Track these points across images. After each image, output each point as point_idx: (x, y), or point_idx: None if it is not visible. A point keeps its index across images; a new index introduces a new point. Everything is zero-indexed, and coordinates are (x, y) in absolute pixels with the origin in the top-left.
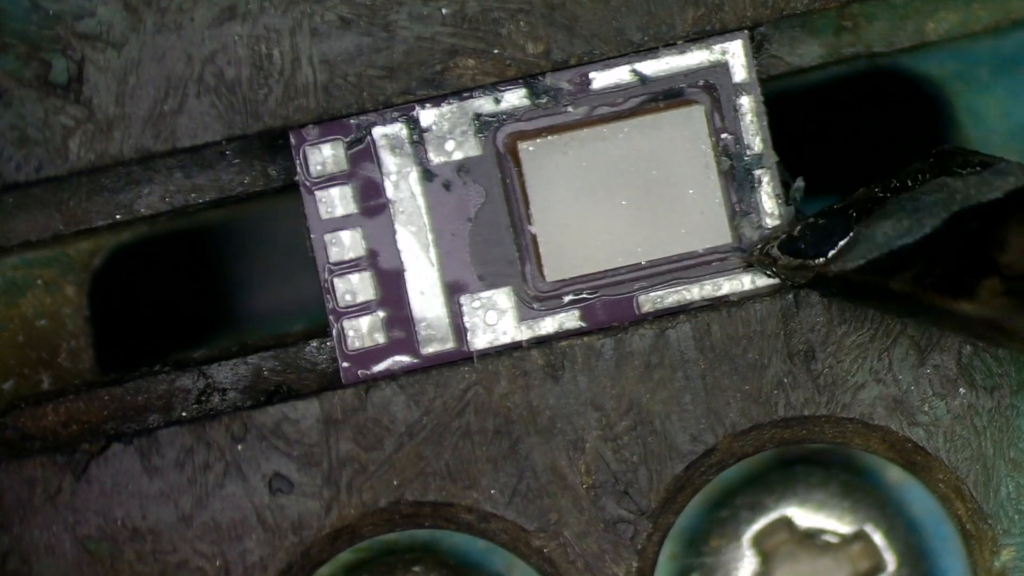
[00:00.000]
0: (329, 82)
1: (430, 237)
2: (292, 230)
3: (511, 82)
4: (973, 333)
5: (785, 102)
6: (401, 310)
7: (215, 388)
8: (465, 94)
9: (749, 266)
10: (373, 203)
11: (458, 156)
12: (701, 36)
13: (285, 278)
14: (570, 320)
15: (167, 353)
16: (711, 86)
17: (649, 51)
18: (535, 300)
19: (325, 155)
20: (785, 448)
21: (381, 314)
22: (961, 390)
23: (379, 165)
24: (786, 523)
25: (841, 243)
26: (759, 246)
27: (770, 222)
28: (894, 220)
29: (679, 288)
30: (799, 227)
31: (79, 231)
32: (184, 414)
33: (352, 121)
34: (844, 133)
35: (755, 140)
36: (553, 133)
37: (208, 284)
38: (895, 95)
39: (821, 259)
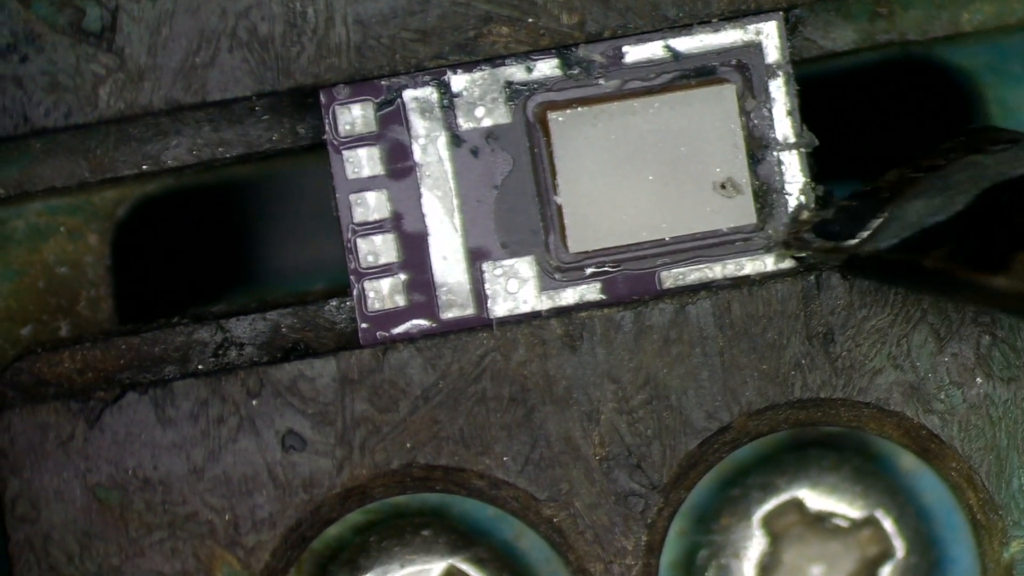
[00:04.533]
0: (362, 43)
1: (455, 203)
2: (318, 190)
3: (544, 52)
4: (1008, 308)
5: (817, 87)
6: (423, 274)
7: (232, 342)
8: (497, 61)
9: (786, 248)
10: (400, 166)
11: (487, 123)
12: (736, 15)
13: (308, 237)
14: (591, 292)
15: (187, 307)
16: (744, 66)
17: (683, 27)
18: (557, 270)
19: (354, 115)
20: (800, 430)
21: (402, 277)
22: (978, 380)
23: (408, 128)
24: (797, 505)
25: (874, 224)
26: (793, 231)
27: (796, 205)
28: (926, 199)
29: (701, 266)
30: (832, 210)
31: (105, 180)
32: (200, 367)
33: (383, 83)
34: (874, 121)
35: (785, 122)
36: (583, 105)
37: (231, 240)
38: (926, 85)
39: (854, 241)
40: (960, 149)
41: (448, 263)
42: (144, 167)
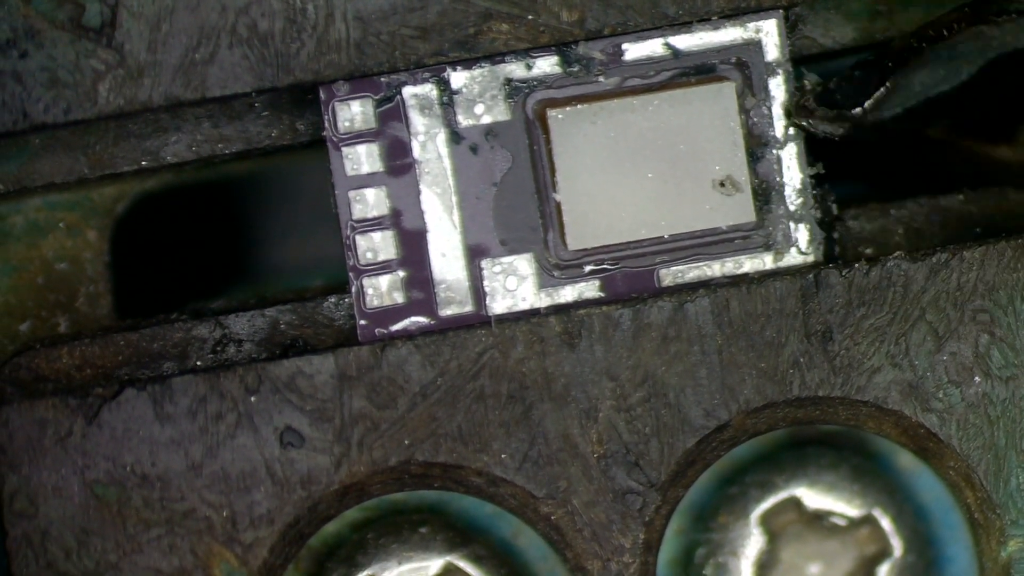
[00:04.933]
0: (362, 39)
1: (454, 199)
2: (317, 186)
3: (544, 49)
4: (1011, 180)
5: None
6: (421, 271)
7: (231, 339)
8: (497, 58)
9: (789, 117)
10: (399, 162)
11: (487, 120)
12: (736, 13)
13: (307, 234)
14: (590, 290)
15: (186, 303)
16: (743, 63)
17: (683, 25)
18: (556, 268)
19: (354, 112)
20: (798, 428)
21: (401, 274)
22: (976, 379)
23: (407, 125)
24: (795, 503)
25: (877, 93)
26: (797, 99)
27: (796, 203)
28: (930, 68)
29: (700, 264)
30: (835, 79)
31: (104, 175)
32: (199, 363)
33: (383, 79)
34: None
35: (784, 120)
36: (583, 102)
37: (230, 236)
38: None
39: (858, 110)
40: (966, 19)
41: (447, 260)
42: (143, 163)
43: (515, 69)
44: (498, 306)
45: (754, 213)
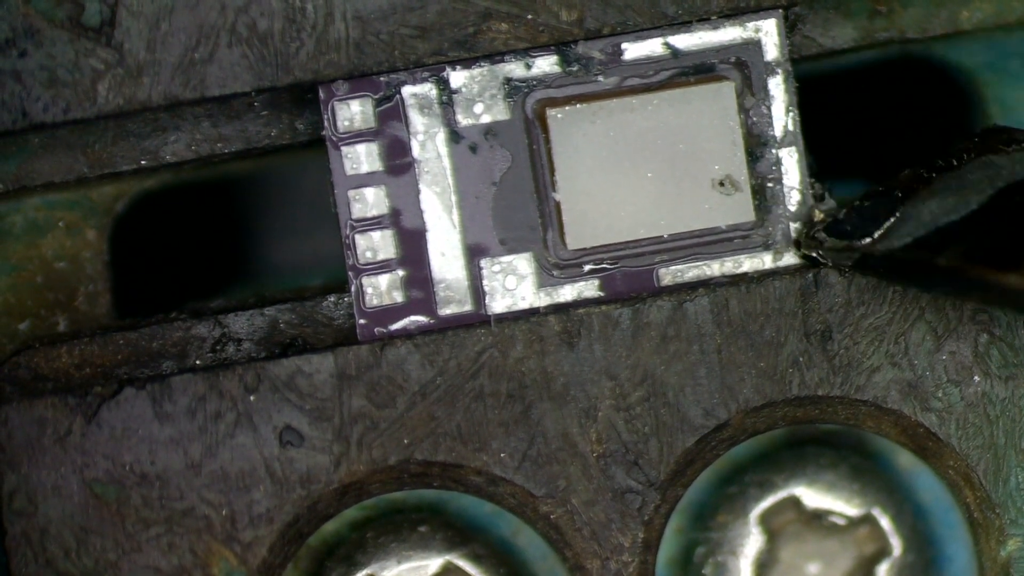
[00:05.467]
0: (361, 39)
1: (454, 199)
2: (316, 186)
3: (543, 48)
4: (1022, 305)
5: (816, 85)
6: (421, 270)
7: (230, 338)
8: (496, 58)
9: (797, 248)
10: (399, 162)
11: (486, 119)
12: (735, 12)
13: (307, 234)
14: (589, 289)
15: (185, 303)
16: (743, 63)
17: (682, 24)
18: (555, 267)
19: (353, 111)
20: (797, 427)
21: (400, 273)
22: (976, 378)
23: (407, 124)
24: (794, 502)
25: (887, 223)
26: (805, 231)
27: (806, 204)
28: (940, 199)
29: (700, 263)
30: (844, 211)
31: (103, 175)
32: (198, 362)
33: (382, 79)
34: (874, 120)
35: (784, 120)
36: (582, 101)
37: (229, 236)
38: (926, 84)
39: (867, 240)
40: (975, 149)
41: (446, 259)
42: (143, 162)
43: (514, 68)
44: (497, 305)
45: (753, 212)
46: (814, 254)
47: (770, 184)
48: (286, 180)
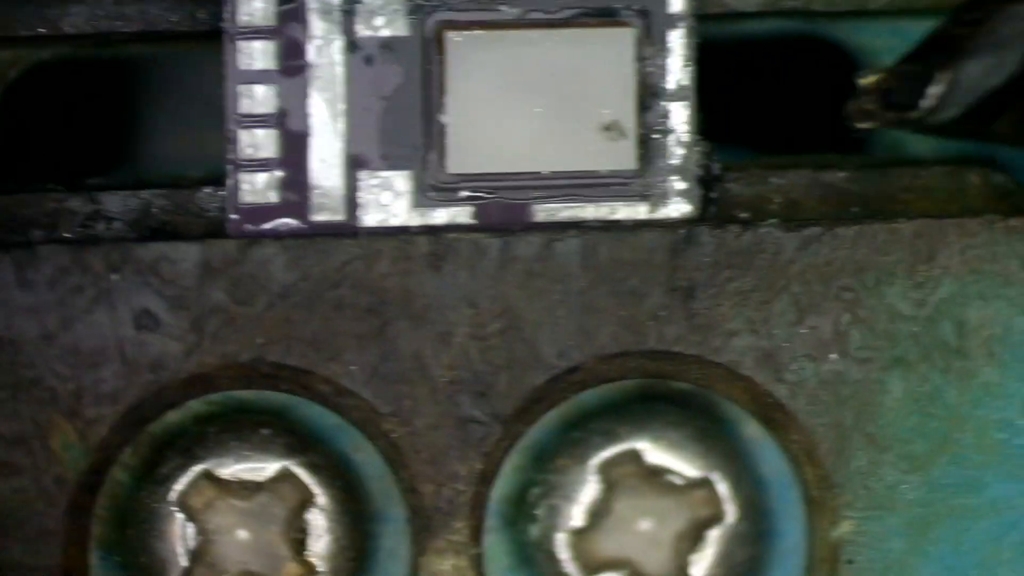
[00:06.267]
0: None
1: (341, 107)
2: (211, 80)
3: None
4: None
5: (716, 51)
6: (299, 174)
7: (102, 215)
8: None
9: (848, 121)
10: (293, 63)
11: (385, 33)
12: None
13: (195, 127)
14: (462, 215)
15: (63, 176)
16: (645, 12)
17: None
18: (432, 189)
19: (255, 7)
20: (648, 382)
21: (279, 174)
22: (832, 356)
23: (306, 27)
24: (635, 456)
25: (933, 92)
26: (856, 104)
27: (678, 157)
28: (977, 59)
29: (575, 204)
30: (891, 78)
31: (1, 38)
32: (67, 235)
33: None
34: (772, 94)
35: (679, 74)
36: (483, 28)
37: (118, 118)
38: (828, 63)
39: (919, 112)
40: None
41: (326, 166)
42: (41, 30)
43: None
44: (370, 219)
45: (636, 161)
46: (868, 125)
47: (656, 136)
48: (182, 70)
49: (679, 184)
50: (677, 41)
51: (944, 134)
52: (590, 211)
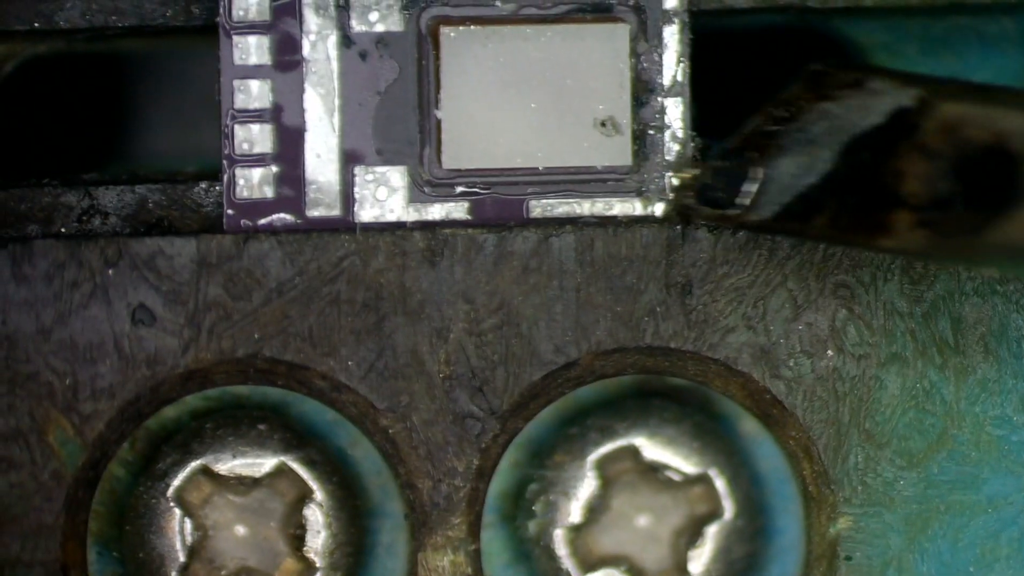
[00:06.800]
0: None
1: (337, 103)
2: (205, 75)
3: None
4: (902, 257)
5: (711, 44)
6: (294, 169)
7: (98, 210)
8: None
9: (669, 219)
10: (287, 58)
11: (380, 28)
12: None
13: (189, 122)
14: (458, 211)
15: (59, 171)
16: (640, 8)
17: None
18: (428, 184)
19: (250, 2)
20: (645, 378)
21: (274, 169)
22: (829, 352)
23: (300, 22)
24: (633, 452)
25: (751, 190)
26: (677, 199)
27: (674, 152)
28: (791, 156)
29: (571, 200)
30: (708, 173)
31: None
32: (63, 230)
33: None
34: (766, 87)
35: (675, 69)
36: (477, 24)
37: (113, 112)
38: (822, 58)
39: (737, 210)
40: (807, 95)
41: (321, 162)
42: (36, 24)
43: None
44: (365, 214)
45: (631, 157)
46: (689, 223)
47: (651, 131)
48: (177, 64)
49: (675, 180)
50: (672, 37)
51: (764, 231)
52: (586, 207)
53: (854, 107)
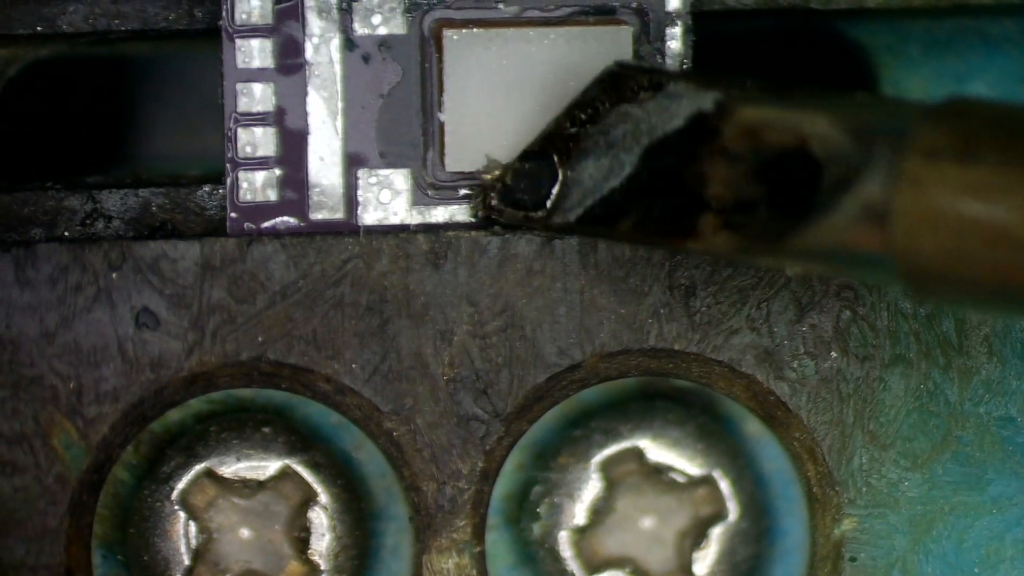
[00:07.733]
0: None
1: (340, 106)
2: (208, 79)
3: None
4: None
5: (714, 46)
6: (298, 172)
7: (102, 214)
8: None
9: (476, 218)
10: (290, 62)
11: (382, 31)
12: None
13: (193, 125)
14: (461, 213)
15: (62, 174)
16: (643, 10)
17: None
18: (431, 187)
19: (252, 5)
20: (649, 380)
21: (278, 172)
22: (833, 354)
23: (303, 25)
24: (637, 454)
25: (554, 191)
26: (480, 198)
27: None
28: (593, 159)
29: None
30: (510, 174)
31: None
32: (66, 233)
33: None
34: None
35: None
36: (480, 27)
37: (116, 116)
38: (825, 58)
39: (542, 212)
40: (607, 96)
41: (324, 164)
42: (39, 28)
43: None
44: (369, 217)
45: None
46: (500, 223)
47: None
48: (180, 68)
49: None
50: (674, 39)
51: (573, 234)
52: None
53: (655, 111)
